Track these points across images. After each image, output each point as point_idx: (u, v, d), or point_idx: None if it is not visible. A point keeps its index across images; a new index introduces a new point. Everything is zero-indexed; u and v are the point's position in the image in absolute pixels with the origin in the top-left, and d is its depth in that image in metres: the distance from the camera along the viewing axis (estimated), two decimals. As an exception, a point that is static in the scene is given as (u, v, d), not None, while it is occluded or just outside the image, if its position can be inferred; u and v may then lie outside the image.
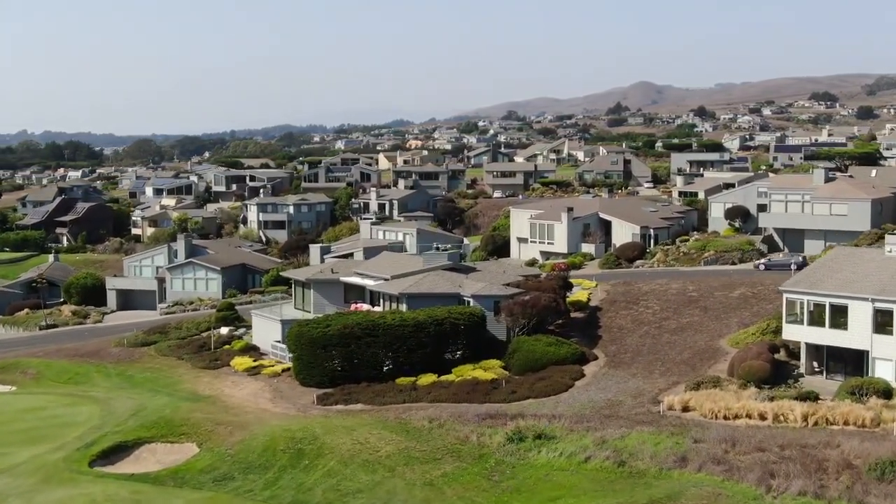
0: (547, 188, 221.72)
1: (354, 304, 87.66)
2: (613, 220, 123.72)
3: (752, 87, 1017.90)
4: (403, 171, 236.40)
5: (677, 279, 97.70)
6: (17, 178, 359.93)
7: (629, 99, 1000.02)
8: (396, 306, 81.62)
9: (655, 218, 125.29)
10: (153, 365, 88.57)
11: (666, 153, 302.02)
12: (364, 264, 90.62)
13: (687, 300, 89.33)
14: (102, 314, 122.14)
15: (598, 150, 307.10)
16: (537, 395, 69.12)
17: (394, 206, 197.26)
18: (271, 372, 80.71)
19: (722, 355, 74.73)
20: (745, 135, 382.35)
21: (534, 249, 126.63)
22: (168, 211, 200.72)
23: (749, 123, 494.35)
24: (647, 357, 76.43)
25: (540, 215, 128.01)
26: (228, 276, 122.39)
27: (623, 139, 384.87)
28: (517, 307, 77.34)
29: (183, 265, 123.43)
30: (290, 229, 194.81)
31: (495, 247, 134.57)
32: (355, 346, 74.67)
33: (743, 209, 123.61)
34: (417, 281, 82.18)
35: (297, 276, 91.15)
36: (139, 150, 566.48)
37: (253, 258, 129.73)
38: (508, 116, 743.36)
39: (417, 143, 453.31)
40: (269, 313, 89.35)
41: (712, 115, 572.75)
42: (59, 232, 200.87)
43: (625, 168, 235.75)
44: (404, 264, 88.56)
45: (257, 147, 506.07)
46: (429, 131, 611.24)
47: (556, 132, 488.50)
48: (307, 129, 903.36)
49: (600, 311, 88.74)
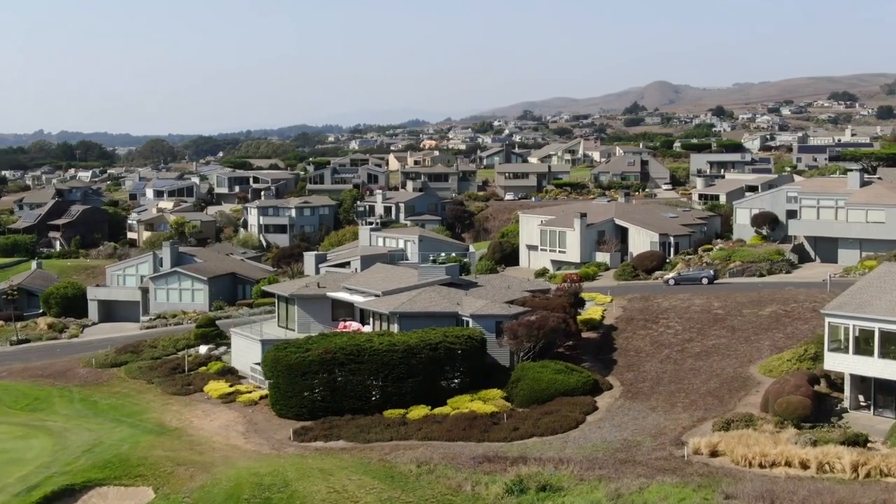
0: (561, 190, 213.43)
1: (343, 323, 79.20)
2: (630, 226, 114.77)
3: (769, 87, 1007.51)
4: (412, 173, 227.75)
5: (700, 294, 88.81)
6: (27, 178, 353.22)
7: (646, 99, 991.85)
8: (387, 326, 73.03)
9: (675, 225, 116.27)
10: (121, 389, 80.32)
11: (685, 153, 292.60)
12: (354, 278, 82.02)
13: (712, 319, 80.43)
14: (82, 327, 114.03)
15: (615, 151, 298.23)
16: (543, 432, 60.42)
17: (400, 209, 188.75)
18: (247, 399, 72.28)
19: (753, 386, 65.86)
20: (766, 135, 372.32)
21: (544, 258, 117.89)
22: (165, 214, 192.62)
23: (768, 123, 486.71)
24: (669, 386, 67.60)
25: (551, 221, 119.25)
26: (216, 287, 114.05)
27: (640, 139, 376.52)
28: (522, 329, 68.68)
29: (167, 275, 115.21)
30: (292, 233, 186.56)
31: (503, 255, 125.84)
32: (338, 374, 66.18)
33: (771, 216, 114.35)
34: (411, 298, 73.56)
35: (280, 290, 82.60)
36: (151, 150, 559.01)
37: (244, 267, 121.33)
38: (524, 116, 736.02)
39: (432, 143, 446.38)
40: (248, 332, 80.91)
41: (730, 114, 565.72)
42: (52, 236, 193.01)
43: (642, 169, 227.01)
44: (399, 278, 79.95)
45: (269, 147, 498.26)
46: (444, 131, 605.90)
47: (572, 132, 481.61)
48: (323, 129, 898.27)
49: (616, 331, 79.91)
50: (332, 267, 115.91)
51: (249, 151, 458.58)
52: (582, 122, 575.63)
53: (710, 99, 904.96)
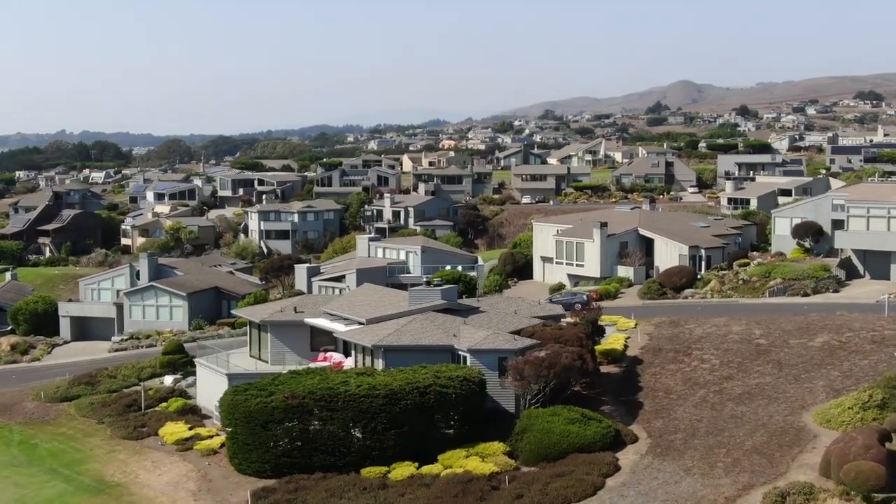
0: (581, 193, 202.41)
1: (324, 354, 68.00)
2: (656, 237, 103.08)
3: (793, 87, 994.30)
4: (424, 175, 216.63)
5: (738, 317, 77.18)
6: (40, 179, 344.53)
7: (669, 98, 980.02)
8: (371, 361, 61.75)
9: (707, 235, 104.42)
10: (67, 430, 69.39)
11: (710, 154, 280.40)
12: (337, 301, 70.65)
13: (754, 350, 68.75)
14: (51, 346, 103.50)
15: (638, 152, 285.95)
16: (552, 501, 48.98)
17: (409, 213, 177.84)
18: (206, 448, 61.14)
19: (809, 440, 54.20)
20: (795, 135, 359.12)
21: (560, 272, 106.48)
22: (161, 219, 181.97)
23: (793, 123, 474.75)
24: (706, 439, 55.97)
25: (568, 231, 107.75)
26: (197, 303, 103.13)
27: (663, 139, 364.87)
28: (529, 367, 57.26)
29: (143, 289, 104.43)
30: (294, 240, 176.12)
31: (515, 267, 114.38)
32: (307, 423, 54.94)
33: (815, 226, 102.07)
34: (400, 328, 62.24)
35: (251, 315, 71.36)
36: (168, 150, 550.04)
37: (229, 281, 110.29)
38: (545, 116, 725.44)
39: (451, 143, 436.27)
40: (214, 363, 69.80)
41: (755, 114, 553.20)
42: (42, 242, 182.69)
43: (667, 171, 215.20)
44: (387, 303, 68.65)
45: (286, 147, 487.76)
46: (463, 131, 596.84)
47: (593, 132, 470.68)
48: (343, 129, 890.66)
49: (641, 365, 68.31)
50: (326, 281, 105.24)
51: (265, 152, 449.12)
52: (604, 122, 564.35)
53: (734, 98, 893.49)
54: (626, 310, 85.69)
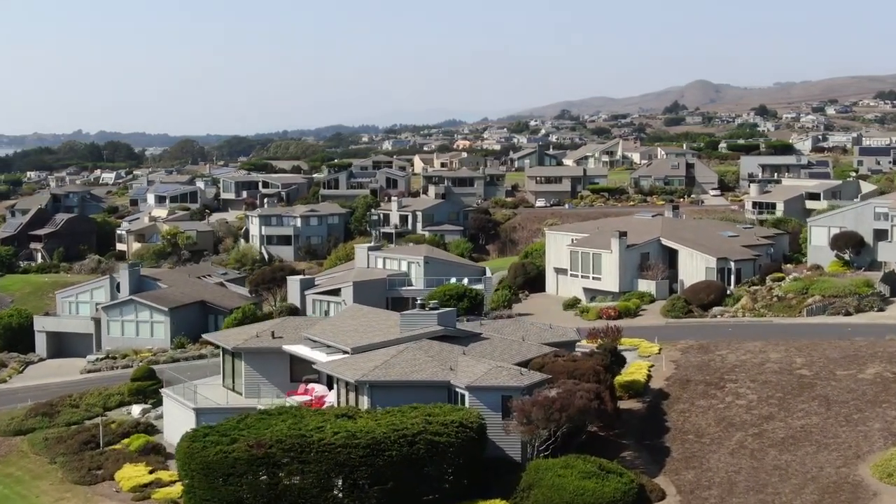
0: (597, 196, 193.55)
1: (304, 386, 59.76)
2: (681, 248, 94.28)
3: (811, 87, 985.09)
4: (435, 177, 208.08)
5: (775, 342, 68.59)
6: (50, 179, 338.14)
7: (686, 98, 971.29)
8: (355, 399, 53.35)
9: (736, 246, 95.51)
10: (15, 470, 61.33)
11: (732, 155, 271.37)
12: (320, 326, 62.18)
13: (796, 382, 60.13)
14: (24, 365, 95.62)
15: (656, 152, 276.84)
16: (564, 579, 40.55)
17: (417, 217, 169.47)
18: (164, 497, 52.91)
19: (868, 499, 45.64)
20: (818, 135, 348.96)
21: (575, 285, 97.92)
22: (158, 223, 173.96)
23: (813, 123, 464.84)
24: (746, 497, 47.36)
25: (584, 241, 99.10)
26: (180, 319, 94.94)
27: (681, 139, 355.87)
28: (537, 410, 48.80)
29: (123, 304, 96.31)
30: (297, 245, 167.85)
31: (527, 279, 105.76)
32: (277, 477, 46.59)
33: (856, 236, 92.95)
34: (388, 360, 53.79)
35: (223, 341, 63.04)
36: (181, 150, 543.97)
37: (217, 293, 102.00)
38: (562, 116, 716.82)
39: (466, 144, 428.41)
40: (181, 395, 61.61)
41: (774, 114, 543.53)
42: (34, 247, 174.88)
43: (687, 173, 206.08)
44: (377, 327, 60.20)
45: (299, 147, 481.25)
46: (479, 131, 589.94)
47: (610, 132, 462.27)
48: (359, 129, 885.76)
49: (667, 401, 59.71)
50: (320, 294, 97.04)
51: (278, 152, 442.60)
52: (620, 122, 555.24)
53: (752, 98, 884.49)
54: (649, 331, 77.16)
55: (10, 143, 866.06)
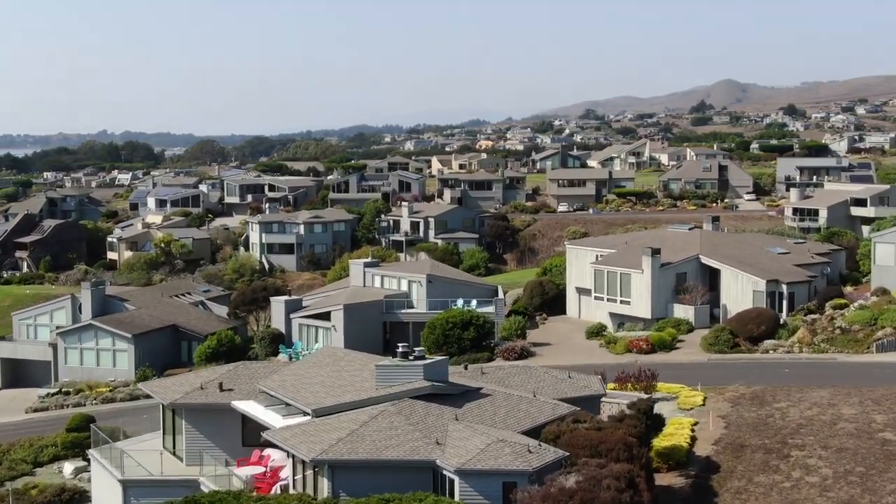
0: (624, 200, 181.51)
1: (260, 453, 47.34)
2: (723, 268, 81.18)
3: (838, 86, 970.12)
4: (450, 180, 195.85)
5: (845, 390, 55.84)
6: (66, 181, 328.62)
7: (713, 97, 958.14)
8: (314, 481, 40.97)
9: (787, 265, 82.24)
10: None
11: (765, 156, 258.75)
12: (280, 375, 49.68)
13: (880, 451, 47.32)
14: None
15: (686, 153, 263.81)
16: None
17: (430, 224, 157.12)
18: None
19: None
20: (854, 135, 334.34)
21: (600, 309, 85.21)
22: (152, 230, 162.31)
23: (843, 123, 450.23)
24: None
25: (610, 258, 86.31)
26: (147, 346, 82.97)
27: (709, 139, 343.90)
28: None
29: (82, 328, 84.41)
30: (300, 254, 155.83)
31: (545, 299, 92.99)
32: None
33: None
34: (357, 429, 41.35)
35: (159, 394, 50.60)
36: (201, 150, 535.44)
37: (192, 316, 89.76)
38: (586, 115, 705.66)
39: (488, 144, 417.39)
40: (108, 461, 49.41)
41: (803, 113, 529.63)
42: (20, 256, 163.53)
43: (720, 176, 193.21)
44: (350, 379, 47.74)
45: (318, 148, 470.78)
46: (502, 131, 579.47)
47: (636, 132, 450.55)
48: (382, 129, 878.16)
49: (717, 476, 46.91)
50: (308, 318, 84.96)
51: (297, 153, 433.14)
52: (646, 122, 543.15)
53: (779, 98, 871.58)
54: (688, 370, 64.51)
55: (36, 142, 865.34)
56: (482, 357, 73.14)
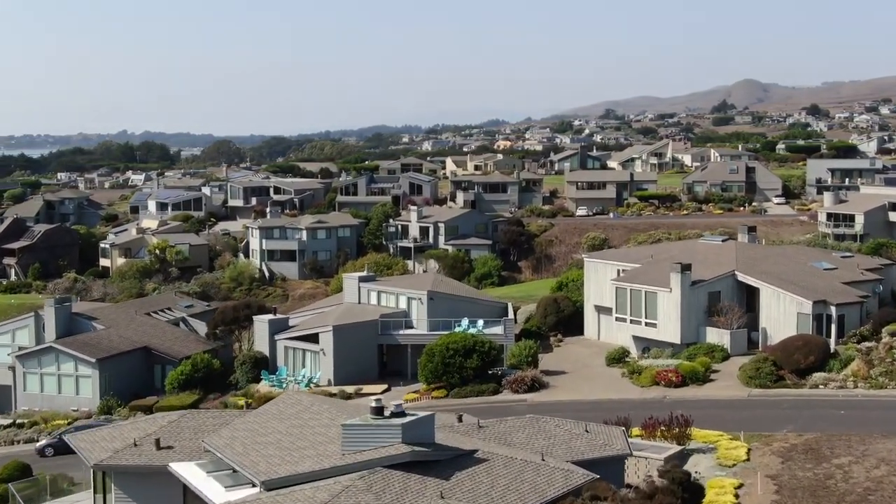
0: (646, 204, 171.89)
1: (204, 526, 38.29)
2: (762, 286, 71.50)
3: (860, 86, 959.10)
4: (463, 182, 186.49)
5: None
6: (79, 181, 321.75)
7: (734, 97, 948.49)
8: (257, 578, 31.89)
9: (835, 283, 72.43)
10: None
11: (792, 157, 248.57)
12: (229, 430, 40.62)
13: (973, 529, 37.98)
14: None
15: (709, 154, 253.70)
16: None
17: (440, 230, 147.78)
18: None
19: None
20: (884, 135, 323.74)
21: (622, 331, 75.74)
22: (146, 236, 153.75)
23: (868, 122, 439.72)
24: None
25: (633, 274, 76.78)
26: (114, 372, 74.20)
27: (732, 140, 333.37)
28: None
29: (42, 351, 75.69)
30: (302, 261, 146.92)
31: (560, 318, 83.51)
32: None
33: None
34: (314, 511, 32.25)
35: (86, 450, 41.62)
36: (217, 151, 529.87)
37: (167, 337, 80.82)
38: (606, 115, 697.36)
39: (507, 144, 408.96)
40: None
41: (826, 113, 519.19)
42: (7, 262, 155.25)
43: (747, 178, 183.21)
44: (314, 437, 38.63)
45: (334, 149, 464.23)
46: (521, 131, 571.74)
47: (656, 132, 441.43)
48: (401, 129, 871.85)
49: (770, 561, 37.74)
50: (294, 340, 75.96)
51: (313, 153, 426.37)
52: (667, 122, 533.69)
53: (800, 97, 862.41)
54: (726, 408, 55.26)
55: (55, 142, 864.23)
56: (487, 389, 64.11)
